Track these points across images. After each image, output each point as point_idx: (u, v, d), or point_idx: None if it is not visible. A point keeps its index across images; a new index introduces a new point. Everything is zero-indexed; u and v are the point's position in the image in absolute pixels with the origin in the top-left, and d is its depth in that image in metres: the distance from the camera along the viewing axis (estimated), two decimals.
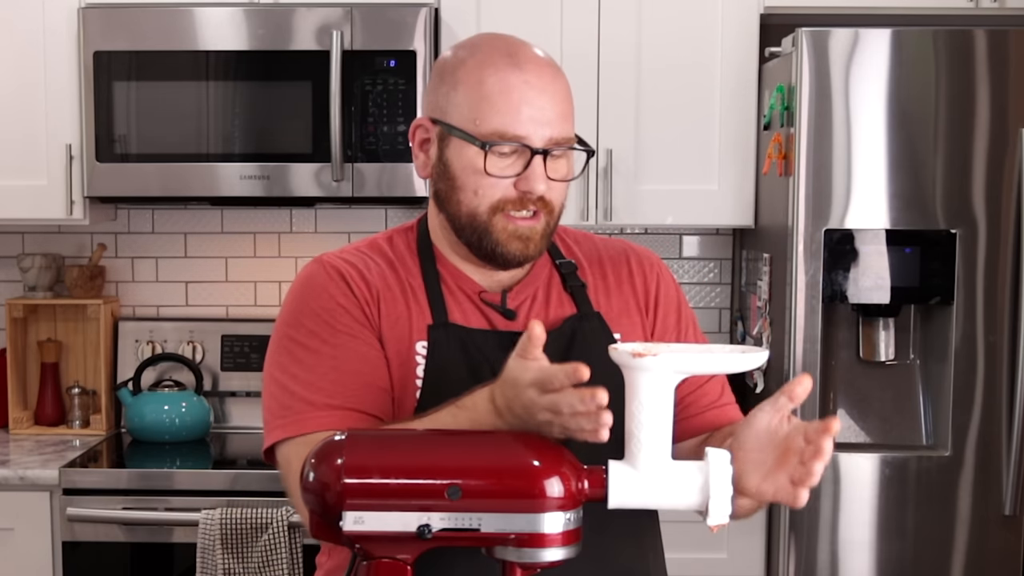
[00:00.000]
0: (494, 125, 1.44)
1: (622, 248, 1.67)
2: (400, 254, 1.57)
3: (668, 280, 1.66)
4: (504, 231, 1.48)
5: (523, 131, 1.44)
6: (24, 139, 2.96)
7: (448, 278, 1.55)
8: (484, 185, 1.46)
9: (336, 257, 1.56)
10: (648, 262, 1.65)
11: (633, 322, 1.58)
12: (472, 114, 1.46)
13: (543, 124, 1.45)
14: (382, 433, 1.36)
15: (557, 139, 1.46)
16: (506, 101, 1.45)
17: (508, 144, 1.44)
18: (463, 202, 1.49)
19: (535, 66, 1.47)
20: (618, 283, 1.61)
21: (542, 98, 1.45)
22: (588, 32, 2.93)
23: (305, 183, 2.91)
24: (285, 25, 2.90)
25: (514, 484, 1.16)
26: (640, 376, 1.21)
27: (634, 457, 1.21)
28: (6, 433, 3.17)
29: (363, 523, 1.15)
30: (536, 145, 1.45)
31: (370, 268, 1.54)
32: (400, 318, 1.51)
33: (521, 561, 1.17)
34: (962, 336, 2.58)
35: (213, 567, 2.63)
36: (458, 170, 1.49)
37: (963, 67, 2.55)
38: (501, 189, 1.46)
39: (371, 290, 1.51)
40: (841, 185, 2.57)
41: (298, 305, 1.54)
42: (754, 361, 1.24)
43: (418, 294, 1.53)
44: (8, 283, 3.33)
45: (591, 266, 1.61)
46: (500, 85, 1.45)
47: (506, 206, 1.47)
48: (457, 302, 1.53)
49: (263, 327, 3.25)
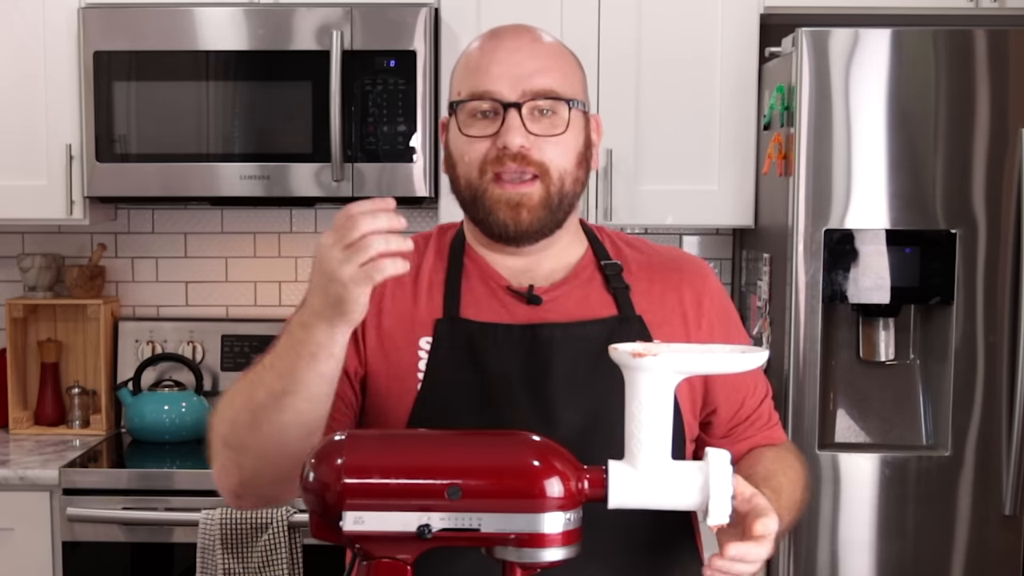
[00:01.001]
0: (469, 87, 1.46)
1: (674, 256, 1.63)
2: (432, 248, 1.57)
3: (717, 293, 1.61)
4: (493, 196, 1.46)
5: (493, 87, 1.44)
6: (24, 139, 2.97)
7: (474, 272, 1.53)
8: (467, 149, 1.46)
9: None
10: (698, 278, 1.59)
11: (675, 332, 1.53)
12: (455, 88, 1.50)
13: (517, 78, 1.44)
14: (382, 433, 1.36)
15: (536, 91, 1.45)
16: (477, 64, 1.47)
17: (479, 102, 1.45)
18: (460, 175, 1.49)
19: (513, 31, 1.50)
20: (664, 291, 1.56)
21: (516, 55, 1.46)
22: (588, 32, 2.93)
23: (305, 183, 2.91)
24: (285, 25, 2.90)
25: (514, 484, 1.16)
26: (640, 376, 1.21)
27: (634, 457, 1.21)
28: (6, 433, 3.17)
29: (363, 523, 1.15)
30: (509, 99, 1.44)
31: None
32: (405, 314, 1.49)
33: (521, 561, 1.17)
34: (962, 336, 2.58)
35: (213, 567, 2.63)
36: (451, 145, 1.50)
37: (963, 67, 2.55)
38: (482, 148, 1.45)
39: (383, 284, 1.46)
40: (841, 185, 2.57)
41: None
42: (754, 361, 1.24)
43: (435, 289, 1.51)
44: (8, 283, 3.33)
45: (639, 270, 1.56)
46: (477, 53, 1.49)
47: (489, 167, 1.45)
48: (475, 297, 1.51)
49: (263, 327, 3.26)
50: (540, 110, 1.46)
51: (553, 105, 1.46)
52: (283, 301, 3.36)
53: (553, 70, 1.47)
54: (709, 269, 1.64)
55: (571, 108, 1.47)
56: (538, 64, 1.46)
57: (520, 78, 1.45)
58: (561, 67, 1.49)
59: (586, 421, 1.45)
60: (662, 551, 1.51)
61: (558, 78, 1.47)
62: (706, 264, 1.65)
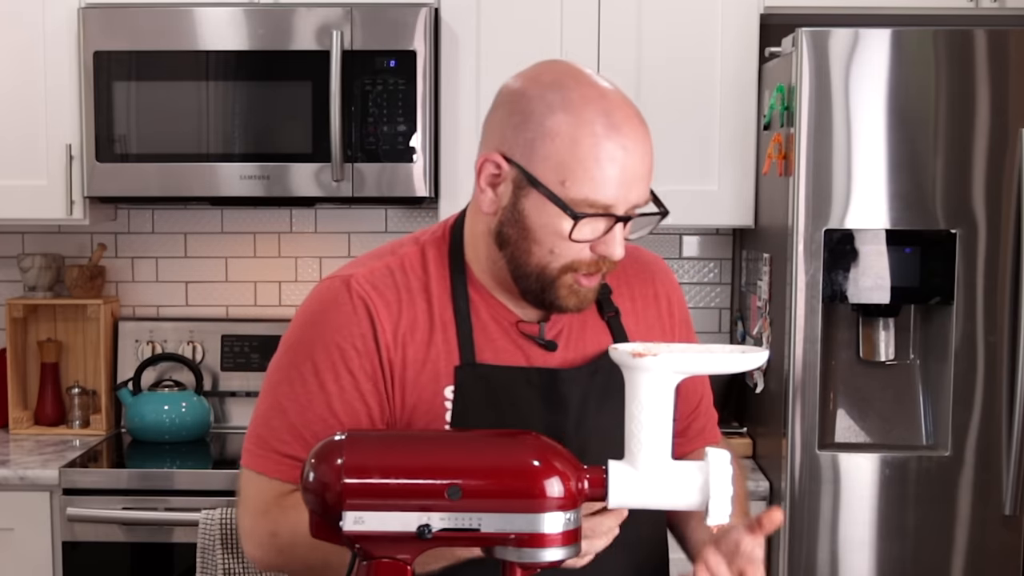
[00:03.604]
0: (584, 192, 1.37)
1: (642, 261, 1.64)
2: (432, 276, 1.50)
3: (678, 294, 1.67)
4: (568, 288, 1.43)
5: (612, 199, 1.37)
6: (24, 139, 2.96)
7: (481, 306, 1.50)
8: (563, 247, 1.40)
9: (366, 282, 1.47)
10: (667, 279, 1.65)
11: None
12: (561, 175, 1.37)
13: (630, 189, 1.39)
14: (382, 433, 1.36)
15: (638, 203, 1.41)
16: (600, 169, 1.37)
17: (596, 214, 1.38)
18: (535, 255, 1.42)
19: (630, 128, 1.39)
20: (644, 305, 1.60)
21: (632, 161, 1.39)
22: (588, 32, 2.93)
23: (305, 183, 2.91)
24: (285, 25, 2.90)
25: (514, 484, 1.16)
26: (640, 376, 1.21)
27: (634, 457, 1.21)
28: (6, 433, 3.17)
29: (363, 523, 1.15)
30: (620, 212, 1.39)
31: (401, 300, 1.47)
32: (427, 362, 1.46)
33: (521, 561, 1.17)
34: (962, 336, 2.58)
35: (213, 567, 2.63)
36: (536, 226, 1.40)
37: (963, 67, 2.55)
38: (577, 251, 1.40)
39: (397, 334, 1.45)
40: (841, 185, 2.57)
41: (316, 330, 1.48)
42: (754, 361, 1.24)
43: (448, 330, 1.47)
44: (8, 283, 3.33)
45: (620, 287, 1.58)
46: (596, 151, 1.37)
47: (580, 267, 1.42)
48: (489, 337, 1.49)
49: (263, 327, 3.26)
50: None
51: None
52: (283, 301, 3.36)
53: (649, 175, 1.43)
54: (669, 270, 1.69)
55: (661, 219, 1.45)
56: (644, 171, 1.41)
57: (631, 189, 1.39)
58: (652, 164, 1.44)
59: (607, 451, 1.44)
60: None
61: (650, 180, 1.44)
62: (665, 263, 1.69)
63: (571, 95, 1.40)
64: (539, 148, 1.39)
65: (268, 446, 1.47)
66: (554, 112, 1.39)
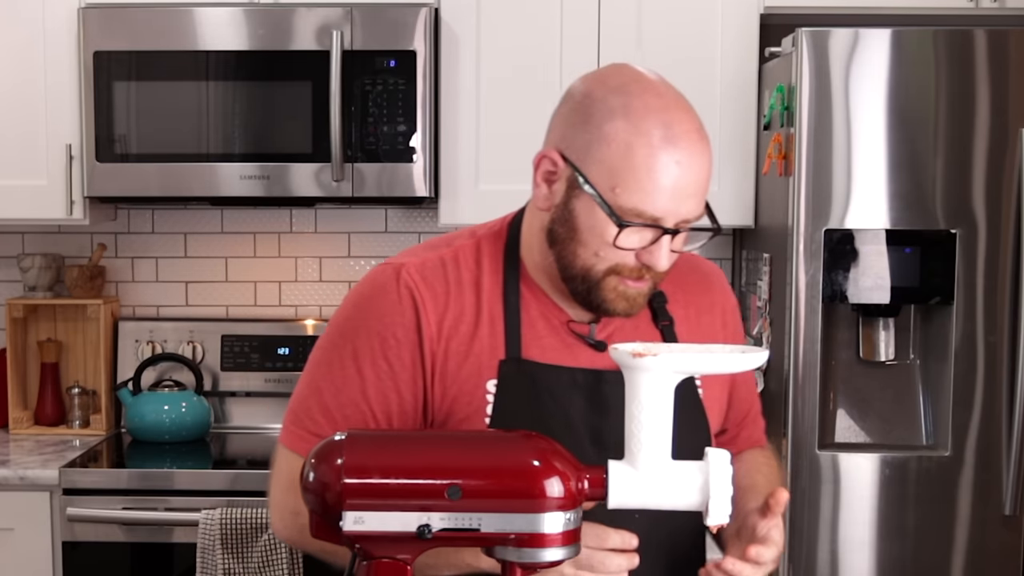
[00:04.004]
0: (634, 202, 1.37)
1: (700, 270, 1.64)
2: (485, 270, 1.51)
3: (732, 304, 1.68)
4: (614, 291, 1.43)
5: (661, 212, 1.37)
6: (24, 139, 2.96)
7: (532, 303, 1.50)
8: (607, 252, 1.41)
9: (416, 273, 1.48)
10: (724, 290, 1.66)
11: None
12: (613, 181, 1.37)
13: (681, 203, 1.38)
14: (382, 433, 1.36)
15: (689, 217, 1.41)
16: (651, 180, 1.36)
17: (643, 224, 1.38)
18: (580, 256, 1.43)
19: (687, 143, 1.39)
20: (699, 315, 1.59)
21: (686, 177, 1.38)
22: (588, 32, 2.93)
23: (305, 183, 2.91)
24: (285, 25, 2.90)
25: (514, 484, 1.16)
26: (640, 376, 1.21)
27: (634, 457, 1.21)
28: (6, 433, 3.17)
29: (363, 523, 1.15)
30: (669, 225, 1.38)
31: (449, 292, 1.48)
32: (470, 355, 1.47)
33: (521, 561, 1.17)
34: (962, 336, 2.58)
35: (213, 567, 2.63)
36: (584, 228, 1.41)
37: (963, 67, 2.55)
38: (621, 256, 1.41)
39: (442, 326, 1.46)
40: (841, 185, 2.57)
41: (360, 315, 1.49)
42: (754, 361, 1.24)
43: (496, 324, 1.48)
44: (8, 283, 3.33)
45: (675, 293, 1.57)
46: (649, 162, 1.36)
47: (623, 271, 1.42)
48: (536, 334, 1.49)
49: (263, 327, 3.26)
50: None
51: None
52: (283, 301, 3.36)
53: (705, 191, 1.42)
54: (725, 279, 1.69)
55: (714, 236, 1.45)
56: (698, 187, 1.40)
57: (682, 203, 1.38)
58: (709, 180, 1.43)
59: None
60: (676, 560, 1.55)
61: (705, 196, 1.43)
62: (722, 273, 1.69)
63: (633, 102, 1.40)
64: (595, 151, 1.39)
65: (301, 424, 1.50)
66: (614, 117, 1.39)
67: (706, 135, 1.43)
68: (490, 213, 3.00)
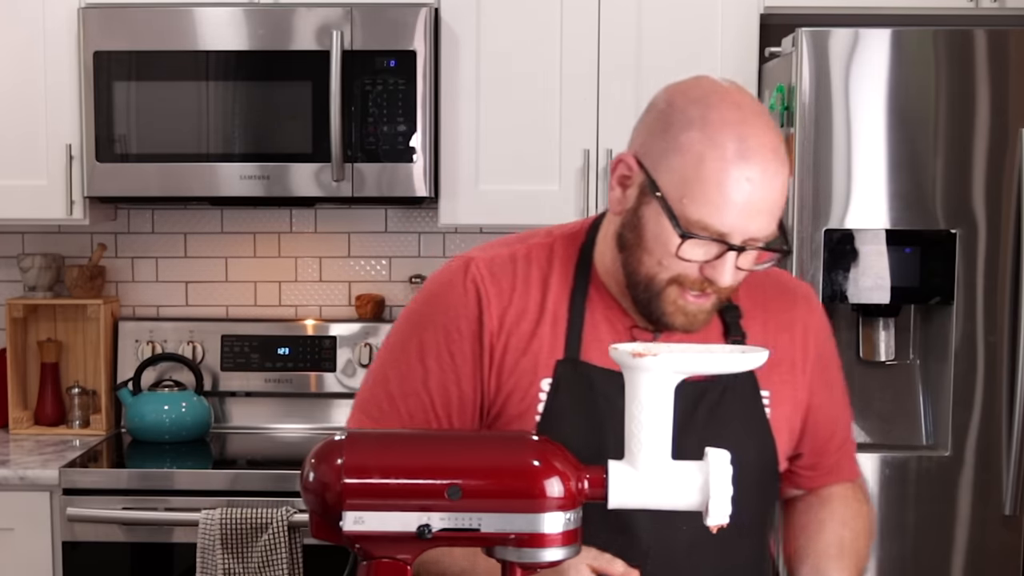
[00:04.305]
0: (700, 214, 1.36)
1: (785, 286, 1.61)
2: (555, 270, 1.51)
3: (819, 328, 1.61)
4: (674, 304, 1.42)
5: (727, 228, 1.36)
6: (24, 139, 2.96)
7: (599, 306, 1.50)
8: (671, 262, 1.40)
9: (484, 267, 1.51)
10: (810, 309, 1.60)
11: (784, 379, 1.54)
12: (681, 191, 1.37)
13: (750, 220, 1.37)
14: (382, 433, 1.36)
15: (759, 237, 1.39)
16: (720, 194, 1.35)
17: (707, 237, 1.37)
18: (644, 264, 1.42)
19: (760, 159, 1.36)
20: (777, 332, 1.55)
21: (757, 194, 1.36)
22: (588, 33, 2.93)
23: (305, 183, 2.91)
24: (285, 25, 2.90)
25: (514, 484, 1.16)
26: (640, 376, 1.21)
27: (634, 457, 1.21)
28: (6, 433, 3.17)
29: (363, 523, 1.15)
30: (735, 242, 1.37)
31: (515, 289, 1.49)
32: (528, 352, 1.47)
33: (521, 561, 1.17)
34: (962, 336, 2.58)
35: (213, 567, 2.63)
36: (650, 236, 1.41)
37: (963, 67, 2.55)
38: (684, 267, 1.40)
39: (504, 321, 1.48)
40: (841, 185, 2.57)
41: (429, 307, 1.53)
42: (754, 361, 1.24)
43: (558, 324, 1.48)
44: (8, 283, 3.33)
45: (753, 309, 1.54)
46: (720, 176, 1.35)
47: (685, 282, 1.41)
48: (598, 336, 1.48)
49: (263, 327, 3.26)
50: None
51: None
52: (283, 301, 3.36)
53: (778, 212, 1.40)
54: (813, 296, 1.63)
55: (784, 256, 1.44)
56: (768, 207, 1.38)
57: (751, 221, 1.37)
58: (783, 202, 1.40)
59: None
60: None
61: (777, 216, 1.40)
62: (810, 290, 1.64)
63: (711, 115, 1.39)
64: (669, 159, 1.39)
65: (366, 411, 1.52)
66: (691, 128, 1.38)
67: (783, 152, 1.40)
68: (490, 213, 3.03)
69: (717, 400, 1.49)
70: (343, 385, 3.22)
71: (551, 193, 2.95)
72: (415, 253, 3.34)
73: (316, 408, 3.24)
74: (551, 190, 2.96)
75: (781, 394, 1.53)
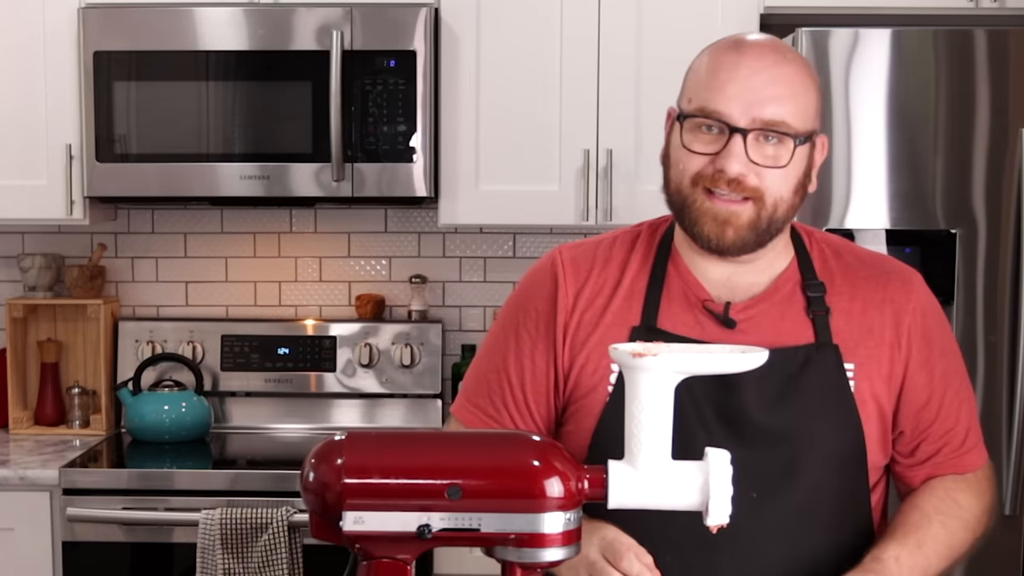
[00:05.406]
0: (700, 101, 1.44)
1: (881, 268, 1.57)
2: (638, 250, 1.57)
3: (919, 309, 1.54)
4: (701, 208, 1.46)
5: (725, 108, 1.42)
6: (24, 139, 2.97)
7: (676, 280, 1.53)
8: (685, 160, 1.46)
9: (567, 252, 1.59)
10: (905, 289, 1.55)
11: (872, 354, 1.51)
12: (687, 94, 1.48)
13: (750, 103, 1.41)
14: (382, 433, 1.36)
15: (766, 121, 1.41)
16: (714, 78, 1.44)
17: (705, 119, 1.43)
18: (672, 178, 1.49)
19: (756, 48, 1.45)
20: (865, 308, 1.52)
21: (754, 78, 1.42)
22: (588, 33, 2.93)
23: (305, 183, 2.91)
24: (285, 25, 2.90)
25: (514, 484, 1.16)
26: (640, 376, 1.20)
27: (634, 457, 1.21)
28: (6, 433, 3.17)
29: (363, 523, 1.15)
30: (737, 124, 1.41)
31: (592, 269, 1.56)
32: (601, 324, 1.52)
33: (521, 561, 1.17)
34: (962, 336, 2.58)
35: (213, 567, 2.63)
36: (672, 148, 1.50)
37: (963, 67, 2.55)
38: (699, 164, 1.45)
39: (579, 299, 1.54)
40: (841, 185, 2.57)
41: (516, 295, 1.63)
42: (754, 361, 1.24)
43: (634, 298, 1.53)
44: (8, 283, 3.33)
45: (842, 284, 1.53)
46: (714, 64, 1.45)
47: (703, 181, 1.44)
48: (672, 309, 1.51)
49: (263, 327, 3.26)
50: (766, 137, 1.43)
51: (780, 136, 1.43)
52: (283, 301, 3.36)
53: (788, 100, 1.43)
54: (917, 281, 1.57)
55: (797, 145, 1.44)
56: (775, 91, 1.42)
57: (753, 104, 1.41)
58: (798, 96, 1.44)
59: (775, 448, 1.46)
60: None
61: (792, 110, 1.43)
62: (914, 275, 1.58)
63: (720, 42, 1.50)
64: (683, 85, 1.51)
65: (463, 393, 1.62)
66: (702, 55, 1.50)
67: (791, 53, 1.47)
68: (490, 213, 3.03)
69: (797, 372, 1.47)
70: (343, 385, 3.22)
71: (551, 193, 2.95)
72: (415, 253, 3.34)
73: (316, 408, 3.24)
74: (551, 190, 2.96)
75: (867, 368, 1.50)
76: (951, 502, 1.55)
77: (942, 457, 1.57)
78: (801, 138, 1.44)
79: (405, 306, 3.33)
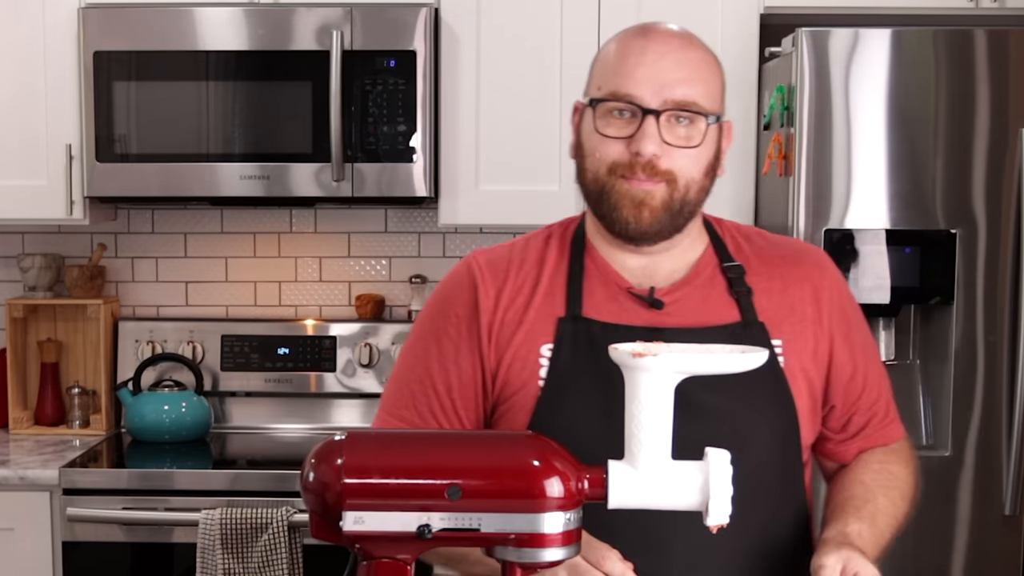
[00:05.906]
0: (610, 87, 1.46)
1: (793, 249, 1.63)
2: (552, 247, 1.58)
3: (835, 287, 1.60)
4: (620, 191, 1.47)
5: (635, 90, 1.44)
6: (24, 139, 2.97)
7: (595, 272, 1.55)
8: (600, 147, 1.47)
9: (482, 256, 1.59)
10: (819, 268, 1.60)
11: (796, 330, 1.54)
12: (596, 82, 1.50)
13: (660, 85, 1.44)
14: (382, 433, 1.36)
15: (677, 101, 1.45)
16: (622, 62, 1.47)
17: (617, 103, 1.45)
18: (587, 168, 1.50)
19: (662, 33, 1.48)
20: (784, 287, 1.56)
21: (662, 60, 1.45)
22: (588, 32, 2.93)
23: (305, 183, 2.91)
24: (285, 25, 2.90)
25: (514, 484, 1.16)
26: (640, 376, 1.21)
27: (634, 457, 1.21)
28: (6, 433, 3.17)
29: (363, 523, 1.15)
30: (649, 105, 1.44)
31: (510, 269, 1.56)
32: (525, 322, 1.52)
33: (521, 561, 1.17)
34: (962, 336, 2.58)
35: (213, 567, 2.63)
36: (584, 136, 1.51)
37: (963, 67, 2.55)
38: (616, 151, 1.46)
39: (499, 300, 1.53)
40: (841, 185, 2.57)
41: (433, 302, 1.61)
42: (754, 361, 1.24)
43: (556, 291, 1.53)
44: (8, 283, 3.33)
45: (759, 266, 1.57)
46: (622, 50, 1.48)
47: (620, 169, 1.46)
48: (596, 298, 1.53)
49: (263, 327, 3.26)
50: (677, 118, 1.46)
51: (692, 117, 1.46)
52: (283, 301, 3.36)
53: (697, 82, 1.47)
54: (828, 261, 1.63)
55: (708, 124, 1.48)
56: (684, 74, 1.46)
57: (664, 86, 1.45)
58: (706, 79, 1.48)
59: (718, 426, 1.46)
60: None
61: (701, 91, 1.47)
62: (825, 255, 1.65)
63: (626, 30, 1.52)
64: (591, 75, 1.52)
65: (383, 408, 1.60)
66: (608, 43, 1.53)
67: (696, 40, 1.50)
68: (490, 213, 3.03)
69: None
70: (343, 385, 3.22)
71: (551, 193, 2.95)
72: (415, 253, 3.34)
73: (316, 408, 3.24)
74: (551, 190, 2.95)
75: (794, 344, 1.53)
76: (887, 474, 1.60)
77: (871, 429, 1.63)
78: (712, 117, 1.48)
79: (405, 306, 3.33)
